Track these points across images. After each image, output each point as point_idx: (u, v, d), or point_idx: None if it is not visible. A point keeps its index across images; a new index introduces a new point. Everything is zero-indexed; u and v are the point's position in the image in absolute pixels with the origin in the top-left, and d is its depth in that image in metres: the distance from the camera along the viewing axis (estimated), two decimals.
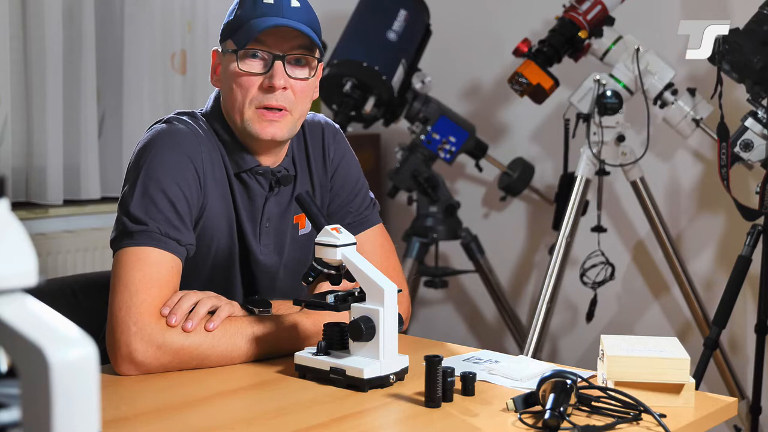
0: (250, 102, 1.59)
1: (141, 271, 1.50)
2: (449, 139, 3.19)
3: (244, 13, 1.59)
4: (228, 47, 1.62)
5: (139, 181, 1.54)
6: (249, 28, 1.57)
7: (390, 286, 1.41)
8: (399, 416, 1.33)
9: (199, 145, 1.60)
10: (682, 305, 3.06)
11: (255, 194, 1.66)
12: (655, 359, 1.37)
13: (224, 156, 1.63)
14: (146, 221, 1.52)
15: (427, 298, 3.76)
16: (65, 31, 3.02)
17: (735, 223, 2.90)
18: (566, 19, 2.86)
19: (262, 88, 1.58)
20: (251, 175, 1.65)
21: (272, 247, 1.69)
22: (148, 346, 1.46)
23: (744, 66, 2.46)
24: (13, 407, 0.67)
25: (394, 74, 3.08)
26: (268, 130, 1.59)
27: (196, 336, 1.48)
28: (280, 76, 1.57)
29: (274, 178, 1.67)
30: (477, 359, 1.58)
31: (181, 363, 1.48)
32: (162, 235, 1.52)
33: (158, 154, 1.56)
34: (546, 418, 1.24)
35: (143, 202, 1.53)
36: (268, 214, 1.67)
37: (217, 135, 1.64)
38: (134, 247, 1.51)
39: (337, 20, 3.31)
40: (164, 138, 1.58)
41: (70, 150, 3.06)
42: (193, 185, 1.57)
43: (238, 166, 1.64)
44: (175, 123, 1.61)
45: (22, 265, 0.64)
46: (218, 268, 1.66)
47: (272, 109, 1.59)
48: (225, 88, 1.64)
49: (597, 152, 2.85)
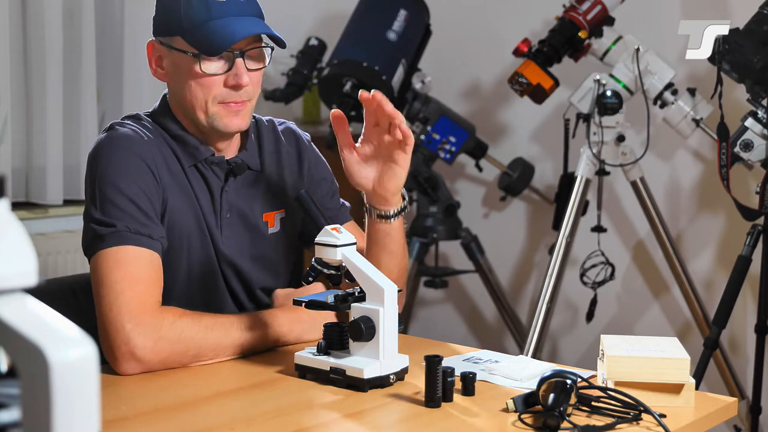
0: (214, 98, 1.60)
1: (121, 270, 1.51)
2: (449, 139, 3.19)
3: (196, 14, 1.58)
4: (177, 45, 1.61)
5: (96, 189, 1.57)
6: (213, 35, 1.57)
7: (390, 286, 1.41)
8: (399, 416, 1.33)
9: (146, 143, 1.61)
10: (682, 305, 3.06)
11: (212, 184, 1.68)
12: (655, 359, 1.37)
13: (176, 150, 1.65)
14: (113, 222, 1.54)
15: (427, 298, 3.76)
16: (65, 31, 3.02)
17: (735, 223, 2.89)
18: (566, 19, 2.86)
19: (227, 86, 1.60)
20: (206, 165, 1.67)
21: (234, 239, 1.70)
22: (146, 340, 1.47)
23: (744, 66, 2.46)
24: (13, 407, 0.67)
25: (394, 74, 3.08)
26: (234, 121, 1.62)
27: (190, 327, 1.50)
28: (244, 73, 1.60)
29: (228, 167, 1.68)
30: (477, 359, 1.58)
31: (178, 355, 1.49)
32: (132, 233, 1.54)
33: (108, 159, 1.58)
34: (546, 418, 1.24)
35: (105, 206, 1.55)
36: (227, 204, 1.68)
37: (167, 131, 1.66)
38: (108, 248, 1.53)
39: (337, 20, 3.31)
40: (111, 143, 1.60)
41: (70, 150, 3.06)
42: (150, 182, 1.59)
43: (193, 157, 1.66)
44: (118, 128, 1.63)
45: (22, 265, 0.64)
46: (194, 260, 1.66)
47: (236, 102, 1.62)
48: (178, 86, 1.64)
49: (597, 152, 2.85)
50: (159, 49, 1.66)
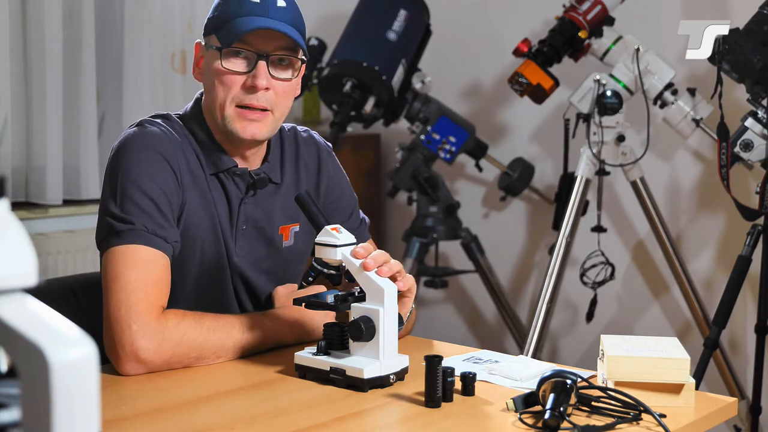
0: (232, 100, 1.60)
1: (135, 269, 1.51)
2: (449, 139, 3.19)
3: (230, 10, 1.60)
4: (211, 43, 1.62)
5: (118, 184, 1.56)
6: (234, 27, 1.58)
7: (390, 286, 1.41)
8: (399, 416, 1.33)
9: (173, 144, 1.61)
10: (682, 305, 3.06)
11: (231, 195, 1.67)
12: (655, 359, 1.37)
13: (200, 156, 1.64)
14: (132, 220, 1.53)
15: (427, 298, 3.76)
16: (65, 31, 3.02)
17: (735, 223, 2.89)
18: (566, 19, 2.86)
19: (244, 87, 1.59)
20: (228, 175, 1.66)
21: (247, 250, 1.69)
22: (150, 342, 1.47)
23: (744, 66, 2.46)
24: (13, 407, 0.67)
25: (394, 74, 3.08)
26: (248, 129, 1.60)
27: (193, 329, 1.50)
28: (263, 76, 1.58)
29: (251, 180, 1.67)
30: (477, 359, 1.58)
31: (181, 357, 1.49)
32: (149, 233, 1.53)
33: (133, 155, 1.57)
34: (546, 418, 1.24)
35: (125, 203, 1.54)
36: (244, 216, 1.67)
37: (194, 136, 1.65)
38: (124, 245, 1.52)
39: (337, 20, 3.31)
40: (137, 140, 1.59)
41: (70, 150, 3.06)
42: (171, 183, 1.58)
43: (215, 166, 1.65)
44: (147, 125, 1.62)
45: (22, 265, 0.64)
46: (205, 267, 1.66)
47: (254, 109, 1.60)
48: (207, 84, 1.65)
49: (597, 152, 2.85)
50: (200, 48, 1.67)
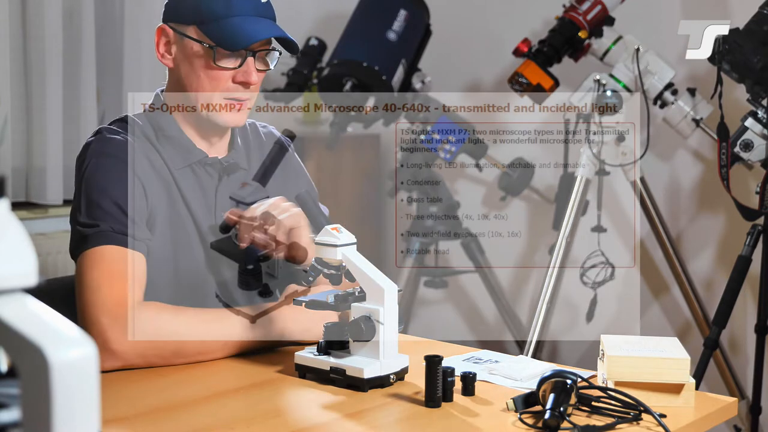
0: (221, 94, 1.64)
1: (99, 269, 1.53)
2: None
3: (217, 7, 1.61)
4: (190, 34, 1.63)
5: (82, 193, 1.59)
6: (235, 32, 1.60)
7: (390, 286, 1.41)
8: (399, 416, 1.33)
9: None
10: (682, 305, 3.05)
11: (205, 185, 1.69)
12: (655, 359, 1.37)
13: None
14: (98, 224, 1.56)
15: (427, 298, 3.75)
16: (65, 31, 3.02)
17: (735, 223, 2.89)
18: (566, 19, 2.86)
19: (234, 81, 1.63)
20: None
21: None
22: (119, 334, 1.47)
23: (744, 66, 2.46)
24: (13, 407, 0.67)
25: (394, 74, 3.08)
26: (233, 118, 1.66)
27: (169, 322, 1.50)
28: (253, 72, 1.63)
29: (221, 167, 1.71)
30: (477, 359, 1.58)
31: (157, 350, 1.49)
32: (115, 232, 1.55)
33: (93, 163, 1.60)
34: (546, 418, 1.24)
35: (90, 209, 1.57)
36: (221, 204, 1.69)
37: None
38: (92, 249, 1.55)
39: (337, 20, 3.31)
40: (96, 148, 1.62)
41: (70, 150, 3.06)
42: (135, 186, 1.60)
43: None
44: (105, 133, 1.65)
45: (22, 265, 0.64)
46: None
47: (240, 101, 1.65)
48: (185, 74, 1.65)
49: (597, 152, 2.85)
50: (169, 34, 1.66)
